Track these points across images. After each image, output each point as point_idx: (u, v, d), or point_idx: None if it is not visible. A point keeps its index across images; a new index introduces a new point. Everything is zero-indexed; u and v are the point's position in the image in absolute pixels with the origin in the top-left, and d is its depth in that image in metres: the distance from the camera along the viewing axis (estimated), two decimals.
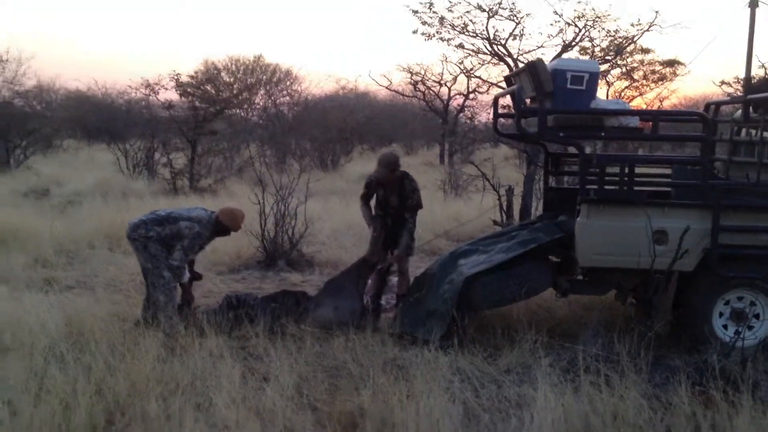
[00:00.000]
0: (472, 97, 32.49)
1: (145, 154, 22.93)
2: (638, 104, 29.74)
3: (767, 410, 5.09)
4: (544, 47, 23.70)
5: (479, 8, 22.95)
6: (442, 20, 24.24)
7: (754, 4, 7.74)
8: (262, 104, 37.38)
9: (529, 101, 7.71)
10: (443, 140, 31.61)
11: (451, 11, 23.82)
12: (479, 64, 27.43)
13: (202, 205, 15.43)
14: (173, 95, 23.61)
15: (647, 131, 7.59)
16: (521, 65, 10.06)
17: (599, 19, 22.99)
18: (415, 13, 24.55)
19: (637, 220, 6.66)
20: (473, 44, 24.45)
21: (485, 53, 24.16)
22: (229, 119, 27.48)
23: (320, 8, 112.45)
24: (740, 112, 7.88)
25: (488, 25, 23.23)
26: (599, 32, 23.72)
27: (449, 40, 24.56)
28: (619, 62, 26.75)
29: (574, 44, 22.68)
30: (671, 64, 30.62)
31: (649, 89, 31.27)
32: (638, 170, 7.28)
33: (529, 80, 7.35)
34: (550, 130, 7.07)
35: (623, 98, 29.38)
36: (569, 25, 23.09)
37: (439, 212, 14.12)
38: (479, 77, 29.23)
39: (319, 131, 28.69)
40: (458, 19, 23.81)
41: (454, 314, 6.93)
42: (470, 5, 23.03)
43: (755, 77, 19.28)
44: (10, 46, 64.56)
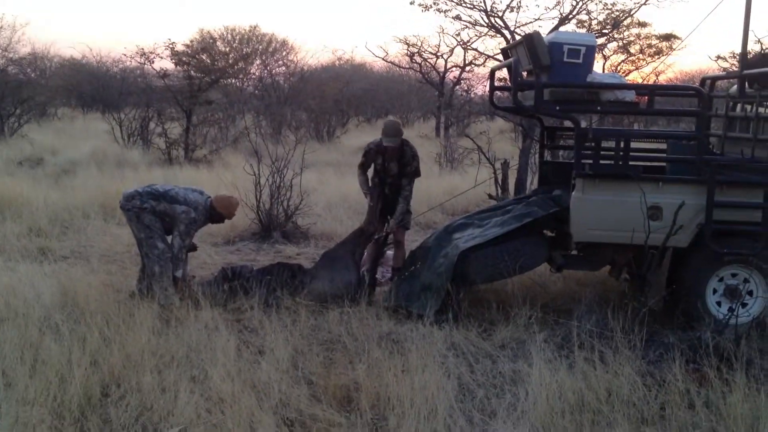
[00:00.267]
0: (468, 69, 32.36)
1: (139, 123, 22.82)
2: (634, 78, 29.61)
3: (761, 388, 5.12)
4: (541, 20, 23.58)
5: None
6: None
7: None
8: (257, 74, 37.21)
9: (525, 74, 7.68)
10: (439, 113, 31.55)
11: None
12: (476, 36, 27.48)
13: (197, 175, 15.60)
14: (168, 64, 23.51)
15: (643, 105, 7.58)
16: (518, 38, 10.00)
17: None
18: None
19: (631, 195, 6.65)
20: (470, 16, 24.30)
21: (482, 25, 23.98)
22: (224, 89, 27.40)
23: None
24: (736, 87, 7.85)
25: None
26: (596, 5, 23.63)
27: (446, 11, 24.40)
28: (615, 36, 26.61)
29: (571, 17, 22.51)
30: (668, 38, 30.44)
31: (645, 63, 31.08)
32: (633, 145, 7.27)
33: (525, 53, 7.31)
34: (546, 103, 7.06)
35: (619, 72, 29.30)
36: None
37: (434, 185, 14.12)
38: (476, 49, 29.15)
39: (315, 102, 28.66)
40: None
41: (449, 288, 6.95)
42: None
43: (751, 52, 19.21)
44: (4, 12, 64.06)
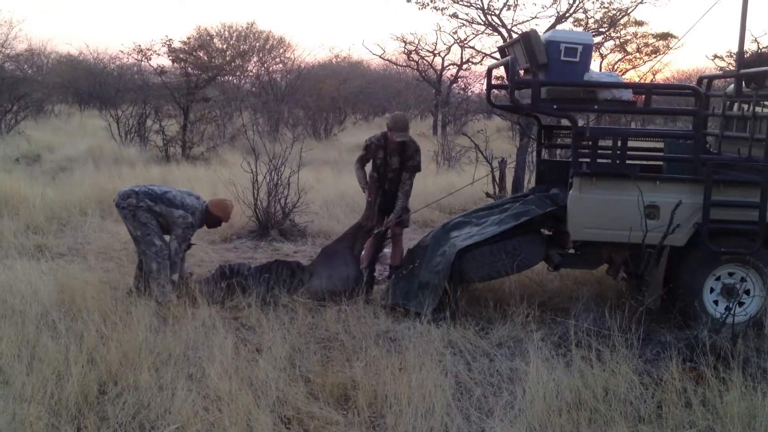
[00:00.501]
0: (465, 67, 32.41)
1: (137, 120, 22.79)
2: (631, 77, 29.63)
3: (757, 387, 5.13)
4: (538, 18, 23.65)
5: None
6: None
7: None
8: (255, 72, 37.19)
9: (522, 73, 7.68)
10: (436, 111, 31.54)
11: None
12: (473, 34, 27.45)
13: (194, 173, 15.59)
14: (165, 61, 23.54)
15: (640, 104, 7.58)
16: (515, 36, 10.02)
17: None
18: None
19: (629, 193, 6.65)
20: (467, 14, 24.34)
21: (479, 23, 24.05)
22: (221, 86, 27.43)
23: None
24: (733, 86, 7.87)
25: None
26: (593, 4, 23.67)
27: (443, 9, 24.45)
28: (612, 34, 26.66)
29: (568, 16, 22.58)
30: (664, 37, 30.46)
31: (642, 62, 31.15)
32: (631, 144, 7.28)
33: (522, 51, 7.31)
34: (543, 102, 7.06)
35: (616, 71, 29.32)
36: None
37: (431, 184, 14.11)
38: (473, 47, 29.25)
39: (312, 100, 28.68)
40: None
41: (446, 287, 6.96)
42: None
43: (748, 51, 19.23)
44: (1, 9, 64.02)
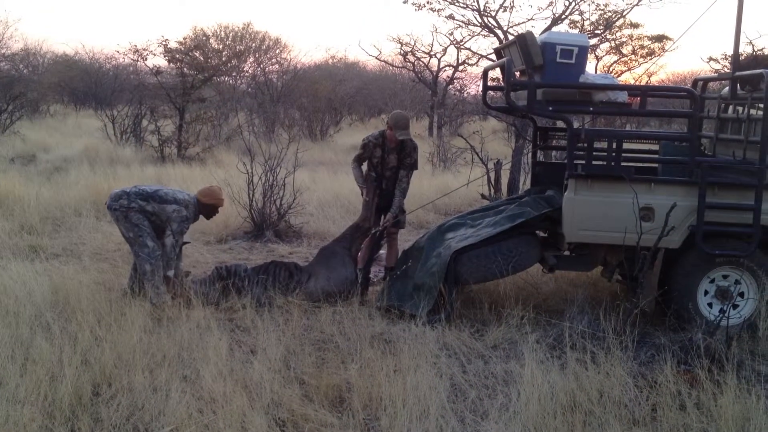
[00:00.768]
0: (461, 69, 32.33)
1: (132, 120, 22.76)
2: (626, 79, 29.68)
3: (751, 389, 5.14)
4: (534, 20, 23.69)
5: None
6: None
7: None
8: (251, 72, 37.15)
9: (518, 74, 7.69)
10: (432, 112, 31.51)
11: None
12: (469, 35, 27.38)
13: (190, 173, 15.58)
14: (161, 61, 23.46)
15: (635, 106, 7.59)
16: (511, 38, 10.03)
17: None
18: None
19: (624, 195, 6.67)
20: (463, 15, 24.42)
21: (475, 25, 23.99)
22: (217, 87, 27.39)
23: None
24: (728, 89, 7.88)
25: None
26: (589, 6, 23.66)
27: (439, 10, 24.41)
28: (608, 36, 26.65)
29: (564, 17, 22.53)
30: (660, 39, 30.49)
31: (637, 64, 31.15)
32: (626, 146, 7.29)
33: (518, 53, 7.32)
34: (538, 103, 7.07)
35: (612, 73, 29.36)
36: None
37: (427, 185, 14.10)
38: (469, 49, 29.17)
39: (308, 101, 28.63)
40: None
41: (441, 288, 6.96)
42: None
43: (743, 54, 19.27)
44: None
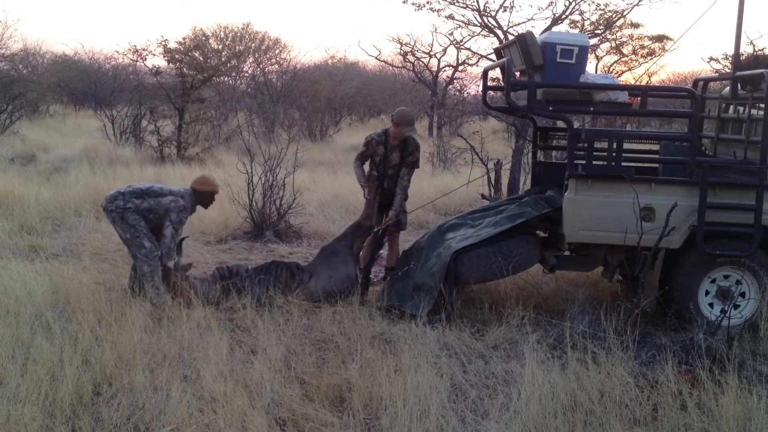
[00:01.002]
0: (461, 69, 32.32)
1: (132, 121, 22.74)
2: (627, 79, 29.67)
3: (753, 389, 5.14)
4: (534, 20, 23.66)
5: None
6: None
7: None
8: (250, 72, 37.12)
9: (518, 74, 7.68)
10: (432, 112, 31.49)
11: None
12: (469, 35, 27.36)
13: (189, 173, 15.57)
14: (161, 61, 23.46)
15: (636, 106, 7.59)
16: (511, 38, 10.04)
17: None
18: None
19: (624, 196, 6.66)
20: (463, 15, 24.40)
21: (475, 25, 23.99)
22: (217, 87, 27.36)
23: None
24: (728, 89, 7.87)
25: None
26: (589, 6, 23.66)
27: (439, 10, 24.40)
28: (608, 36, 26.65)
29: (564, 17, 22.53)
30: (660, 39, 30.48)
31: (637, 64, 31.14)
32: (626, 146, 7.28)
33: (518, 53, 7.31)
34: (539, 103, 7.07)
35: (612, 73, 29.36)
36: None
37: (427, 185, 14.09)
38: (469, 49, 29.17)
39: (307, 101, 28.61)
40: None
41: (441, 288, 6.95)
42: None
43: (744, 54, 19.29)
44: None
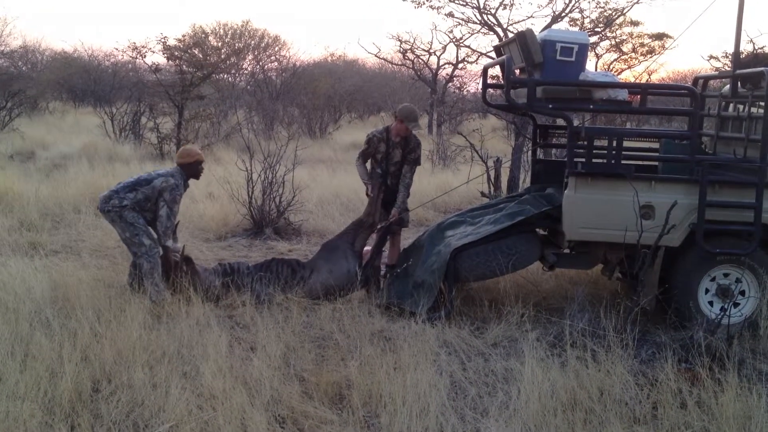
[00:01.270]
0: (461, 66, 32.39)
1: (131, 118, 22.73)
2: (627, 77, 29.68)
3: (752, 388, 5.14)
4: (533, 18, 23.70)
5: None
6: None
7: None
8: (250, 70, 37.15)
9: (518, 72, 7.68)
10: (431, 110, 31.50)
11: None
12: (469, 33, 27.44)
13: None
14: (160, 59, 23.48)
15: (635, 104, 7.58)
16: (511, 35, 10.04)
17: None
18: None
19: (624, 193, 6.65)
20: (463, 13, 24.39)
21: (475, 22, 24.04)
22: (216, 84, 27.35)
23: None
24: (728, 87, 7.87)
25: None
26: (589, 4, 23.67)
27: (439, 8, 24.43)
28: (608, 34, 26.69)
29: (563, 15, 22.58)
30: (660, 37, 30.54)
31: (637, 62, 31.22)
32: (626, 144, 7.28)
33: (518, 51, 7.31)
34: (538, 101, 7.06)
35: (612, 71, 29.36)
36: None
37: (426, 183, 14.09)
38: (469, 47, 29.22)
39: (307, 98, 28.62)
40: None
41: (441, 286, 6.95)
42: None
43: (744, 52, 19.29)
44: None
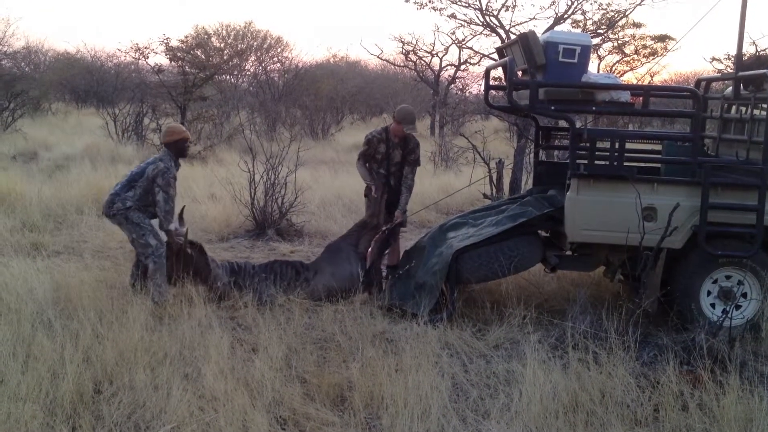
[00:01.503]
0: (463, 68, 32.34)
1: (134, 118, 22.73)
2: (629, 79, 29.65)
3: (754, 390, 5.12)
4: (536, 19, 23.59)
5: None
6: None
7: None
8: (252, 71, 37.13)
9: (520, 74, 7.67)
10: (434, 111, 31.47)
11: None
12: (471, 35, 27.43)
13: (191, 171, 15.56)
14: (163, 60, 23.49)
15: (638, 106, 7.58)
16: (513, 37, 10.03)
17: None
18: None
19: (626, 195, 6.65)
20: (465, 14, 24.29)
21: (477, 24, 23.94)
22: (219, 85, 27.34)
23: None
24: (731, 89, 7.86)
25: None
26: (591, 5, 23.63)
27: (441, 9, 24.37)
28: (610, 36, 26.62)
29: (566, 17, 22.49)
30: (662, 39, 30.48)
31: (640, 64, 31.13)
32: (628, 146, 7.27)
33: (520, 52, 7.31)
34: (541, 103, 7.06)
35: (614, 72, 29.33)
36: None
37: (429, 184, 14.09)
38: (471, 48, 29.18)
39: (309, 99, 28.61)
40: None
41: (443, 288, 6.95)
42: None
43: (746, 54, 19.23)
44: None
